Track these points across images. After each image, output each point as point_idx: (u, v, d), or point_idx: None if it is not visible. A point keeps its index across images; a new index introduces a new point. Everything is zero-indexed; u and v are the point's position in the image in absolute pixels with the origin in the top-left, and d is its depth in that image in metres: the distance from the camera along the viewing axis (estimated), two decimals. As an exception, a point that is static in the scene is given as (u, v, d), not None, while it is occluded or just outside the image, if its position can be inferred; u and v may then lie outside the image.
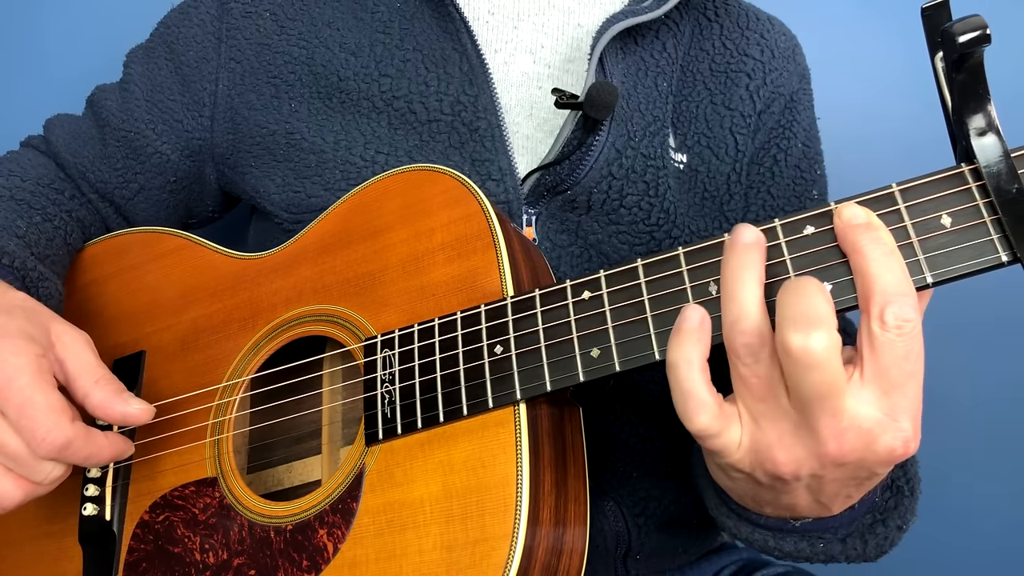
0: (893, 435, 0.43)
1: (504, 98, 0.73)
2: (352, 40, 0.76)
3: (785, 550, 0.56)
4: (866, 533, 0.56)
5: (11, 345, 0.56)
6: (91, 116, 0.83)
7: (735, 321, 0.44)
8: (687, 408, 0.45)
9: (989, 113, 0.45)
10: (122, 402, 0.59)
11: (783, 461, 0.45)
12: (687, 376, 0.45)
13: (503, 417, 0.54)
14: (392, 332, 0.59)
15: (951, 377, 1.04)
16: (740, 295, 0.45)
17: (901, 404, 0.43)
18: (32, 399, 0.55)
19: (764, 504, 0.52)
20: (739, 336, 0.44)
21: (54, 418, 0.55)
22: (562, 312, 0.54)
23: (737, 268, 0.46)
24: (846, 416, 0.43)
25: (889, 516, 0.57)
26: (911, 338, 0.42)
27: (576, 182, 0.69)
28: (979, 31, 0.42)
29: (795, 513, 0.52)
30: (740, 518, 0.56)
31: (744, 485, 0.50)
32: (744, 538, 0.57)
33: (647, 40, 0.76)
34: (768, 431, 0.45)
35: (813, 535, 0.55)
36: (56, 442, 0.55)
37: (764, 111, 0.76)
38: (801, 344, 0.41)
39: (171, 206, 0.83)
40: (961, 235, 0.45)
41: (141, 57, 0.83)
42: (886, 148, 1.05)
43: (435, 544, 0.53)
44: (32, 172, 0.77)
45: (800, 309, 0.42)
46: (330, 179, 0.72)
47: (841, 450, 0.43)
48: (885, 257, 0.43)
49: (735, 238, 0.47)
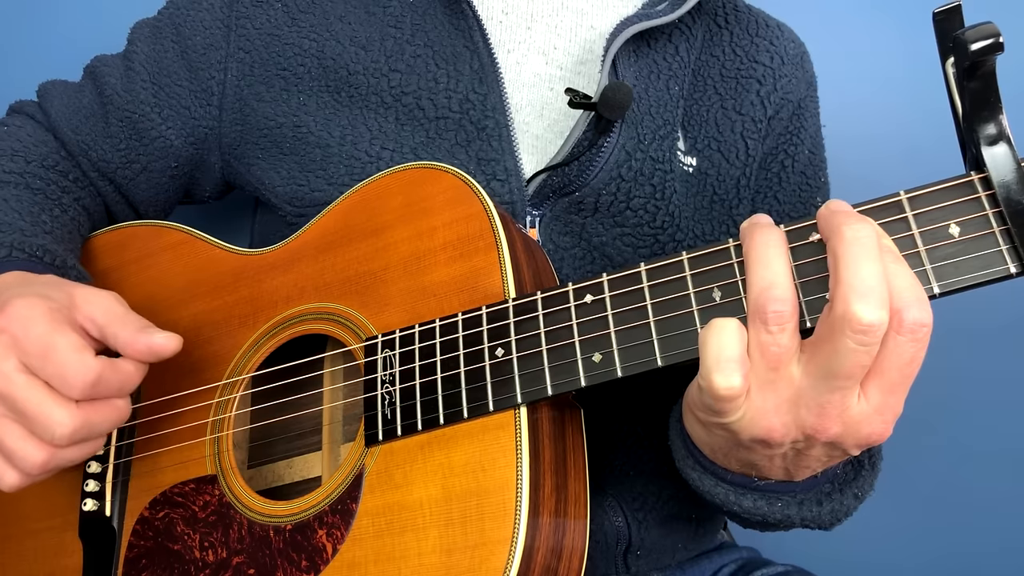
0: (874, 427, 0.46)
1: (515, 98, 0.73)
2: (363, 34, 0.76)
3: (744, 506, 0.57)
4: (823, 499, 0.57)
5: (22, 300, 0.56)
6: (92, 90, 0.81)
7: (768, 287, 0.45)
8: (724, 369, 0.45)
9: (1000, 122, 0.44)
10: (146, 335, 0.58)
11: (774, 427, 0.47)
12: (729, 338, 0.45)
13: (504, 420, 0.53)
14: (393, 332, 0.59)
15: (952, 377, 1.04)
16: (773, 261, 0.46)
17: (890, 402, 0.45)
18: (54, 342, 0.55)
19: (733, 460, 0.54)
20: (771, 302, 0.45)
21: (79, 355, 0.55)
22: (564, 316, 0.53)
23: (766, 238, 0.47)
24: (850, 405, 0.45)
25: (847, 486, 0.58)
26: (921, 344, 0.43)
27: (585, 183, 0.69)
28: (992, 39, 0.42)
29: (760, 474, 0.54)
30: (705, 471, 0.57)
31: (722, 442, 0.52)
32: (706, 491, 0.58)
33: (660, 44, 0.76)
34: (768, 398, 0.46)
35: (772, 495, 0.57)
36: (87, 377, 0.55)
37: (774, 117, 0.77)
38: (870, 319, 0.42)
39: (171, 189, 0.83)
40: (969, 245, 0.45)
41: (148, 35, 0.81)
42: (890, 154, 1.04)
43: (434, 547, 0.52)
44: (35, 151, 0.76)
45: (870, 283, 0.42)
46: (334, 174, 0.72)
47: (828, 430, 0.46)
48: (894, 264, 0.44)
49: (756, 219, 0.48)
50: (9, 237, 0.65)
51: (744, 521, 0.61)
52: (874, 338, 0.42)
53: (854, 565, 1.09)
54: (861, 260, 0.43)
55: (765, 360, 0.45)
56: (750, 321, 0.46)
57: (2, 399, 0.55)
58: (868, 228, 0.44)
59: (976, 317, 1.01)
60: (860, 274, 0.42)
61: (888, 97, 1.06)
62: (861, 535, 1.09)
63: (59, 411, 0.54)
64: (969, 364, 1.05)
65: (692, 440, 0.56)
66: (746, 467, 0.54)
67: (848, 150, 0.94)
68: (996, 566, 1.07)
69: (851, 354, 0.43)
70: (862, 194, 0.48)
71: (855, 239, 0.43)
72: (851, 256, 0.43)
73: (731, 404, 0.46)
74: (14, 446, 0.55)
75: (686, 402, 0.53)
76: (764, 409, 0.46)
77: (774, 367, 0.45)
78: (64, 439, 0.55)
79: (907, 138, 1.04)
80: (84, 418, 0.55)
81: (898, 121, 1.05)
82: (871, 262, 0.42)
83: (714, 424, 0.49)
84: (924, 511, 1.08)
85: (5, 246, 0.64)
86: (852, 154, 0.97)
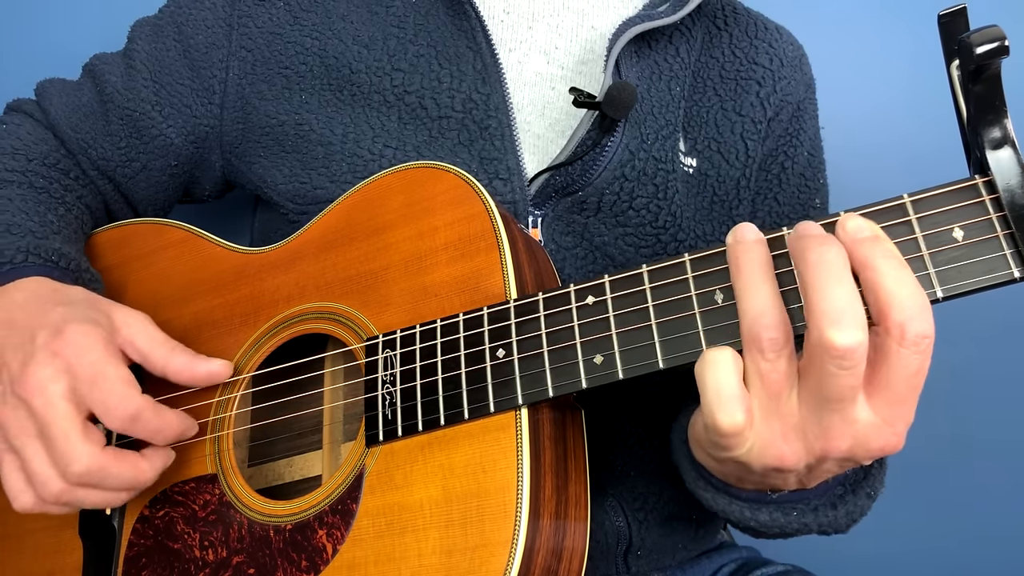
0: (887, 440, 0.45)
1: (516, 97, 0.73)
2: (366, 33, 0.76)
3: (760, 520, 0.56)
4: (837, 502, 0.57)
5: (79, 327, 0.58)
6: (92, 88, 0.81)
7: (760, 315, 0.44)
8: (725, 407, 0.45)
9: (1005, 126, 0.44)
10: (203, 361, 0.62)
11: (785, 455, 0.46)
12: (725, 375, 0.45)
13: (504, 421, 0.53)
14: (394, 332, 0.59)
15: (954, 377, 1.04)
16: (763, 289, 0.45)
17: (900, 413, 0.44)
18: (104, 371, 0.57)
19: (747, 483, 0.54)
20: (765, 331, 0.44)
21: (125, 389, 0.57)
22: (565, 317, 0.53)
23: (752, 263, 0.46)
24: (855, 421, 0.44)
25: (859, 486, 0.58)
26: (925, 355, 0.42)
27: (588, 183, 0.69)
28: (997, 42, 0.42)
29: (774, 489, 0.54)
30: (718, 491, 0.57)
31: (734, 469, 0.51)
32: (720, 510, 0.58)
33: (661, 45, 0.76)
34: (774, 426, 0.46)
35: (787, 506, 0.56)
36: (128, 410, 0.56)
37: (773, 118, 0.77)
38: (845, 343, 0.41)
39: (170, 188, 0.82)
40: (973, 249, 0.44)
41: (149, 34, 0.81)
42: (894, 157, 1.04)
43: (434, 548, 0.52)
44: (36, 149, 0.76)
45: (839, 306, 0.42)
46: (337, 171, 0.72)
47: (839, 448, 0.45)
48: (897, 271, 0.43)
49: (741, 234, 0.47)
50: (23, 241, 0.65)
51: (759, 534, 0.60)
52: (854, 360, 0.42)
53: (854, 565, 1.09)
54: (828, 284, 0.42)
55: (766, 388, 0.45)
56: (746, 350, 0.45)
57: (39, 421, 0.56)
58: (833, 250, 0.43)
59: (979, 319, 1.01)
60: (828, 298, 0.42)
61: (892, 100, 1.05)
62: (861, 535, 1.08)
63: (81, 447, 0.56)
64: (972, 365, 1.04)
65: (703, 467, 0.56)
66: (759, 487, 0.54)
67: (852, 153, 0.94)
68: (996, 566, 1.07)
69: (835, 378, 0.42)
70: (865, 197, 0.48)
71: (819, 262, 0.43)
72: (818, 281, 0.42)
73: (737, 439, 0.46)
74: (37, 468, 0.56)
75: (693, 437, 0.53)
76: (772, 438, 0.46)
77: (776, 394, 0.45)
78: (75, 476, 0.56)
79: (911, 141, 1.04)
80: (102, 464, 0.56)
81: (902, 124, 1.05)
82: (838, 284, 0.42)
83: (725, 459, 0.49)
84: (924, 511, 1.08)
85: (21, 251, 0.64)
86: (855, 157, 0.97)
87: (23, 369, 0.56)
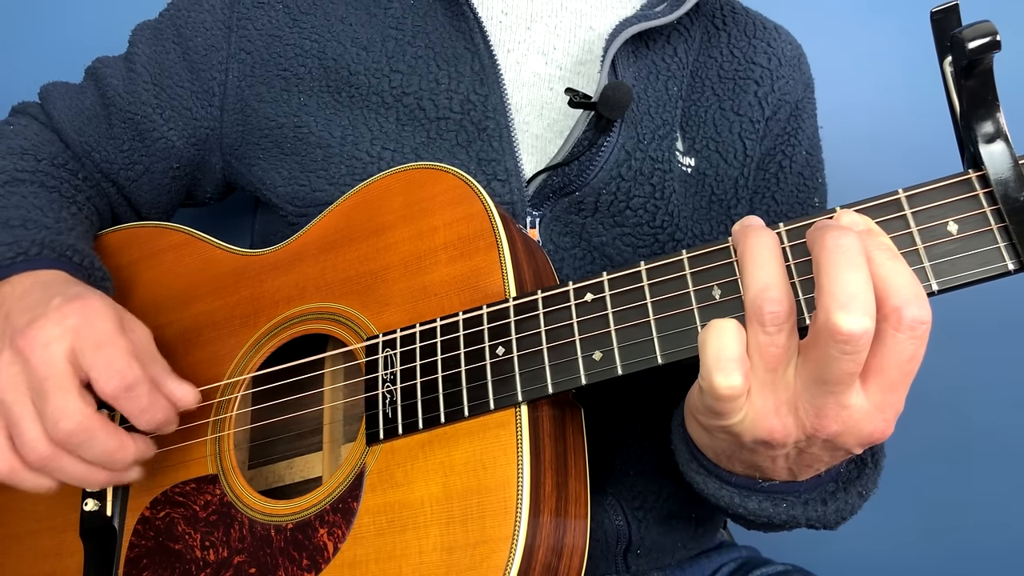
0: (876, 425, 0.46)
1: (515, 98, 0.74)
2: (364, 35, 0.76)
3: (749, 508, 0.57)
4: (828, 498, 0.57)
5: (98, 300, 0.59)
6: (94, 91, 0.81)
7: (764, 288, 0.45)
8: (725, 368, 0.45)
9: (998, 120, 0.45)
10: (173, 381, 0.61)
11: (775, 428, 0.47)
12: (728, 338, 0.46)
13: (504, 419, 0.53)
14: (394, 332, 0.59)
15: (951, 377, 1.04)
16: (767, 263, 0.46)
17: (890, 400, 0.45)
18: (113, 341, 0.57)
19: (736, 463, 0.54)
20: (768, 303, 0.45)
21: (129, 359, 0.57)
22: (564, 314, 0.53)
23: (759, 241, 0.47)
24: (848, 406, 0.45)
25: (851, 485, 0.58)
26: (921, 342, 0.43)
27: (585, 183, 0.69)
28: (989, 37, 0.42)
29: (764, 475, 0.54)
30: (709, 474, 0.57)
31: (725, 445, 0.52)
32: (711, 494, 0.58)
33: (658, 44, 0.76)
34: (768, 399, 0.46)
35: (777, 496, 0.57)
36: (127, 379, 0.56)
37: (771, 118, 0.77)
38: (851, 328, 0.42)
39: (173, 191, 0.83)
40: (967, 242, 0.45)
41: (149, 37, 0.81)
42: (888, 152, 1.05)
43: (435, 545, 0.53)
44: (44, 150, 0.76)
45: (851, 291, 0.42)
46: (335, 174, 0.72)
47: (828, 429, 0.46)
48: (892, 261, 0.44)
49: (747, 221, 0.48)
50: (39, 235, 0.65)
51: (749, 523, 0.61)
52: (858, 346, 0.42)
53: (854, 565, 1.09)
54: (842, 268, 0.42)
55: (764, 361, 0.46)
56: (748, 323, 0.46)
57: (35, 375, 0.55)
58: (850, 237, 0.43)
59: (975, 314, 1.01)
60: (840, 283, 0.42)
61: (886, 96, 1.06)
62: (860, 534, 1.09)
63: (76, 403, 0.55)
64: (969, 361, 1.05)
65: (695, 444, 0.56)
66: (750, 469, 0.54)
67: (846, 149, 0.94)
68: (996, 566, 1.07)
69: (837, 362, 0.43)
70: (861, 193, 0.49)
71: (836, 247, 0.43)
72: (832, 265, 0.43)
73: (732, 404, 0.46)
74: (25, 427, 0.55)
75: (688, 407, 0.53)
76: (765, 410, 0.46)
77: (773, 368, 0.46)
78: (63, 434, 0.55)
79: (905, 137, 1.05)
80: (92, 425, 0.55)
81: (896, 120, 1.06)
82: (852, 270, 0.42)
83: (716, 427, 0.49)
84: (924, 510, 1.08)
85: (37, 244, 0.64)
86: (850, 153, 0.97)
87: (29, 325, 0.56)
